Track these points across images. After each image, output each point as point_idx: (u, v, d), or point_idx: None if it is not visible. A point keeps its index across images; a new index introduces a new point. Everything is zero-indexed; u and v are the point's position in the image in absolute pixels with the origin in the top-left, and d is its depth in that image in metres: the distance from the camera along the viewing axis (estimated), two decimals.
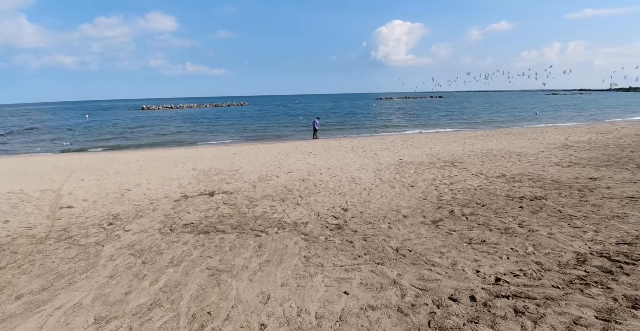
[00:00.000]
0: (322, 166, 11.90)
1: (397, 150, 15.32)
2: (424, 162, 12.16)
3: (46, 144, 24.58)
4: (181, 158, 14.88)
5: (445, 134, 22.73)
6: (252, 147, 17.83)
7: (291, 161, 13.09)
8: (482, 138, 18.92)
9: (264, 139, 23.87)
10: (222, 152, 16.41)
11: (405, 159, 12.83)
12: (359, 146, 17.26)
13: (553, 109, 50.95)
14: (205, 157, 14.95)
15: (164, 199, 8.33)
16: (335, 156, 14.05)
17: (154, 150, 19.29)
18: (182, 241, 5.33)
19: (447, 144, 16.71)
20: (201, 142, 23.01)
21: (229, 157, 14.51)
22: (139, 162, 14.31)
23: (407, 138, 20.27)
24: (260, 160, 13.63)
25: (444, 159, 12.66)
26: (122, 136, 28.48)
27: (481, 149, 14.73)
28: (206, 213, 6.90)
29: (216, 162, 13.52)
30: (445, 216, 5.90)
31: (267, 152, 15.65)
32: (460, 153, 13.90)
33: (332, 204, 7.28)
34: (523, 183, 8.62)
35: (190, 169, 12.13)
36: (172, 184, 10.00)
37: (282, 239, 5.15)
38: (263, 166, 12.25)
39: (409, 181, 9.32)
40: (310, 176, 10.40)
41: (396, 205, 6.98)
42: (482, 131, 24.50)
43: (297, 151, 16.00)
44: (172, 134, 28.59)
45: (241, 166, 12.41)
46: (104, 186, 10.10)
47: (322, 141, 20.66)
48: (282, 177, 10.36)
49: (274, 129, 30.57)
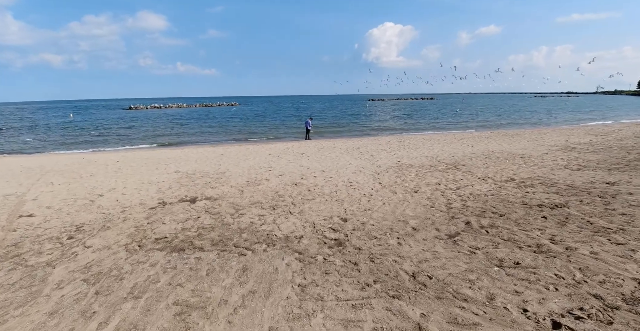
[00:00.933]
0: (316, 169, 11.04)
1: (394, 151, 14.55)
2: (424, 164, 11.40)
3: (19, 144, 23.16)
4: (164, 160, 13.84)
5: (441, 135, 22.11)
6: (241, 149, 16.86)
7: (283, 163, 12.19)
8: (480, 139, 18.30)
9: (254, 140, 22.89)
10: (209, 153, 15.41)
11: (404, 161, 12.06)
12: (353, 147, 16.45)
13: (546, 110, 51.09)
14: (190, 158, 13.94)
15: (139, 207, 7.36)
16: (330, 158, 13.20)
17: (136, 151, 18.16)
18: (150, 262, 4.41)
19: (445, 146, 16.02)
20: (187, 143, 21.92)
21: (216, 159, 13.53)
22: (118, 163, 13.23)
23: (403, 139, 19.54)
24: (250, 162, 12.69)
25: (445, 161, 11.92)
26: (104, 135, 27.15)
27: (482, 151, 14.06)
28: (184, 224, 5.97)
29: (201, 164, 12.54)
30: (462, 228, 5.09)
31: (257, 154, 14.71)
32: (460, 155, 13.19)
33: (329, 213, 6.42)
34: (536, 188, 7.90)
35: (173, 172, 11.13)
36: (150, 188, 9.01)
37: (271, 259, 4.28)
38: (252, 169, 11.33)
39: (412, 185, 8.52)
40: (303, 179, 9.53)
41: (402, 214, 6.16)
42: (479, 132, 23.97)
43: (289, 152, 15.11)
44: (157, 134, 27.37)
45: (228, 169, 11.46)
46: (74, 191, 9.06)
47: (315, 142, 19.80)
48: (273, 181, 9.46)
49: (265, 130, 29.58)
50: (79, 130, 31.72)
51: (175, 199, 7.85)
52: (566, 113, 43.87)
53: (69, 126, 36.97)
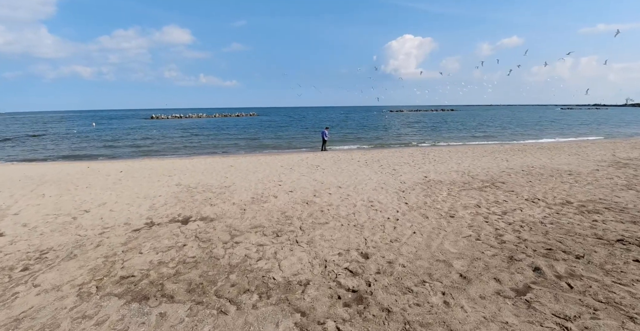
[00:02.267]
0: (331, 184, 9.76)
1: (419, 165, 13.11)
2: (456, 181, 9.92)
3: (33, 152, 23.05)
4: (170, 170, 12.92)
5: (469, 147, 20.41)
6: (253, 159, 15.82)
7: (294, 177, 10.98)
8: (514, 153, 16.58)
9: (267, 150, 21.90)
10: (218, 164, 14.42)
11: (431, 177, 10.61)
12: (373, 159, 15.10)
13: (578, 123, 48.16)
14: (197, 169, 12.97)
15: (121, 228, 6.27)
16: (347, 172, 11.90)
17: (144, 160, 17.44)
18: (97, 318, 3.22)
19: (476, 159, 14.43)
20: (198, 153, 21.15)
21: (224, 171, 12.49)
22: (120, 174, 12.39)
23: (427, 151, 18.03)
24: (259, 175, 11.55)
25: (480, 177, 10.40)
26: (119, 144, 26.89)
27: (520, 166, 12.42)
28: (163, 256, 4.79)
29: (207, 176, 11.50)
30: (531, 279, 3.67)
31: (268, 166, 13.60)
32: (496, 170, 11.62)
33: (345, 243, 5.11)
34: (604, 215, 6.33)
35: (174, 185, 10.12)
36: (143, 204, 7.96)
37: (260, 323, 3.00)
38: (260, 183, 10.16)
39: (445, 207, 7.10)
40: (316, 197, 8.26)
41: (440, 249, 4.77)
42: (510, 144, 22.10)
43: (303, 164, 13.91)
44: (171, 143, 26.89)
45: (234, 182, 10.35)
46: (60, 205, 8.13)
47: (332, 153, 18.55)
48: (281, 198, 8.23)
49: (280, 140, 28.64)
50: (96, 138, 31.79)
51: (165, 219, 6.73)
52: (602, 126, 40.98)
53: (89, 134, 37.34)
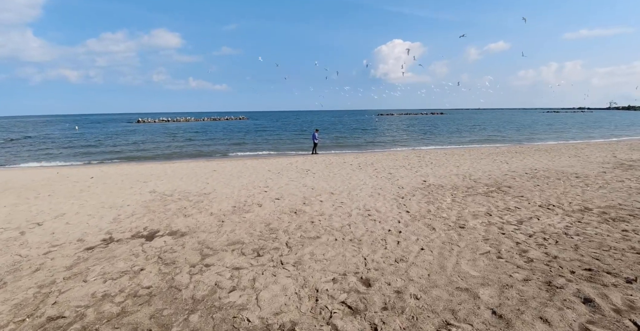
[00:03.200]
0: (322, 190, 8.84)
1: (416, 168, 12.30)
2: (458, 185, 9.12)
3: (4, 156, 21.57)
4: (146, 176, 11.83)
5: (465, 149, 19.76)
6: (238, 164, 14.80)
7: (282, 183, 10.03)
8: (512, 155, 15.94)
9: (254, 155, 20.87)
10: (201, 168, 13.38)
11: (431, 181, 9.79)
12: (367, 163, 14.25)
13: (570, 126, 48.36)
14: (177, 174, 11.91)
15: (72, 246, 5.23)
16: (340, 176, 11.00)
17: (121, 165, 16.24)
18: None
19: (475, 162, 13.71)
20: (181, 157, 20.01)
21: (206, 176, 11.46)
22: (91, 180, 11.26)
23: (422, 154, 17.28)
24: (244, 180, 10.57)
25: (483, 181, 9.62)
26: (97, 149, 25.51)
27: (522, 168, 11.72)
28: (112, 285, 3.80)
29: (186, 182, 10.47)
30: (586, 316, 2.80)
31: (255, 170, 12.61)
32: (498, 173, 10.88)
33: (341, 265, 4.19)
34: (632, 224, 5.56)
35: (147, 192, 9.06)
36: (106, 215, 6.92)
37: None
38: (244, 189, 9.18)
39: (453, 216, 6.25)
40: (306, 205, 7.32)
41: (457, 272, 3.89)
42: (506, 146, 21.54)
43: (292, 168, 12.97)
44: (153, 147, 25.62)
45: (216, 188, 9.35)
46: (12, 217, 7.03)
47: (323, 156, 17.66)
48: (267, 207, 7.27)
49: (268, 144, 27.63)
50: (75, 142, 30.26)
51: (127, 234, 5.71)
52: (593, 129, 41.09)
53: (70, 138, 35.71)
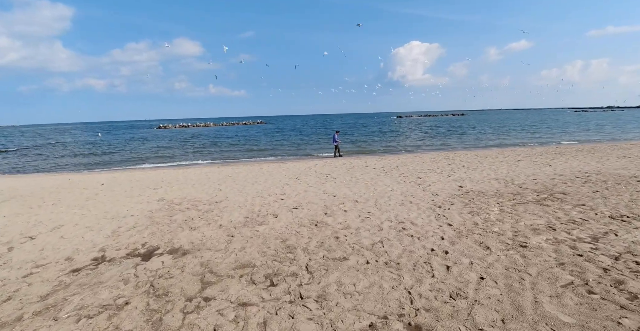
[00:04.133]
0: (345, 198, 7.86)
1: (448, 172, 11.13)
2: (501, 191, 7.93)
3: (24, 163, 21.73)
4: (157, 182, 11.22)
5: (496, 151, 18.28)
6: (254, 168, 14.03)
7: (300, 189, 9.13)
8: (552, 156, 14.45)
9: (272, 158, 20.13)
10: (214, 174, 12.68)
11: (468, 187, 8.64)
12: (391, 166, 13.17)
13: (601, 126, 45.36)
14: (189, 181, 11.24)
15: (58, 266, 4.49)
16: (363, 181, 10.00)
17: (134, 170, 15.81)
18: None
19: (512, 165, 12.39)
20: (196, 161, 19.49)
21: (219, 182, 10.72)
22: (100, 187, 10.73)
23: (451, 156, 16.01)
24: (259, 186, 9.74)
25: (529, 186, 8.39)
26: (115, 153, 25.51)
27: (570, 171, 10.35)
28: (83, 327, 2.96)
29: (197, 188, 9.75)
30: None
31: (271, 175, 11.78)
32: (544, 177, 9.58)
33: (378, 303, 3.21)
34: None
35: (155, 200, 8.37)
36: (106, 227, 6.21)
37: None
38: (259, 196, 8.33)
39: (507, 231, 5.14)
40: (327, 215, 6.38)
41: (542, 316, 2.83)
42: (542, 147, 19.87)
43: (310, 173, 12.06)
44: (169, 152, 25.35)
45: (227, 196, 8.54)
46: (7, 229, 6.46)
47: (344, 160, 16.67)
48: (283, 217, 6.37)
49: (285, 147, 26.89)
50: (95, 149, 30.56)
51: (123, 251, 4.92)
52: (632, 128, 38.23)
53: (92, 144, 36.27)
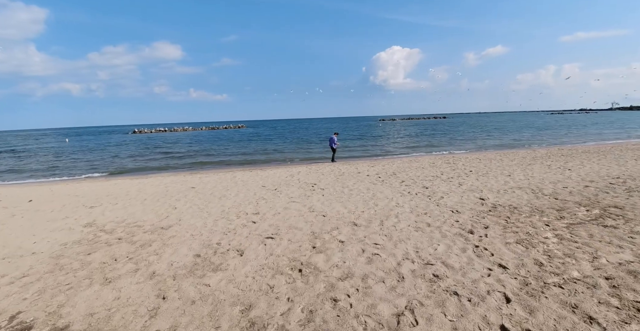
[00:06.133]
0: (339, 218, 5.89)
1: (456, 179, 9.37)
2: (537, 206, 6.16)
3: None
4: (101, 197, 8.93)
5: (495, 154, 16.76)
6: (227, 177, 11.87)
7: (280, 205, 7.09)
8: (563, 159, 12.99)
9: (249, 164, 17.96)
10: (177, 185, 10.46)
11: (491, 199, 6.85)
12: (387, 172, 11.31)
13: (584, 127, 45.34)
14: (142, 194, 9.01)
15: None
16: (358, 193, 8.06)
17: (84, 181, 13.28)
18: None
19: (525, 169, 10.78)
20: (160, 170, 17.09)
21: (178, 196, 8.55)
22: (24, 206, 8.36)
23: (451, 160, 14.33)
24: (227, 202, 7.64)
25: (566, 197, 6.67)
26: (67, 160, 22.68)
27: (598, 177, 8.77)
28: None
29: (148, 206, 7.56)
30: None
31: (245, 186, 9.69)
32: (573, 184, 7.93)
33: None
34: None
35: (81, 226, 6.17)
36: None
37: None
38: (224, 218, 6.26)
39: (597, 279, 3.30)
40: (317, 251, 4.38)
41: None
42: (544, 149, 18.48)
43: (293, 182, 10.04)
44: (134, 160, 22.72)
45: (182, 218, 6.42)
46: None
47: (331, 166, 14.70)
48: (251, 255, 4.34)
49: (265, 152, 24.71)
50: (47, 156, 27.44)
51: None
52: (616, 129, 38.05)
53: (49, 151, 32.95)
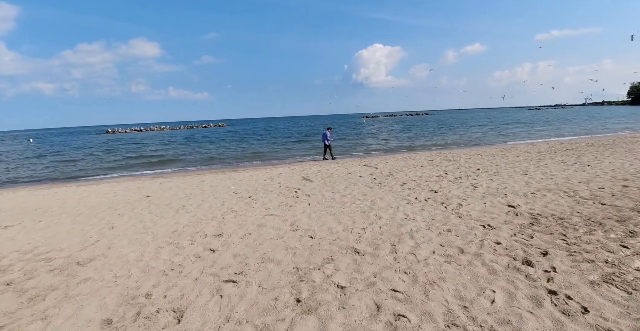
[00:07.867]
0: (333, 241, 4.25)
1: (464, 179, 7.90)
2: (585, 214, 4.72)
3: None
4: (27, 210, 6.96)
5: (495, 149, 15.48)
6: (193, 181, 10.00)
7: (253, 220, 5.37)
8: (571, 153, 11.79)
9: (223, 165, 16.04)
10: (129, 193, 8.55)
11: (522, 206, 5.38)
12: (382, 173, 9.74)
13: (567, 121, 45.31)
14: (81, 206, 7.10)
15: None
16: (353, 200, 6.43)
17: (20, 190, 11.03)
18: None
19: (539, 166, 9.47)
20: (118, 173, 14.96)
21: (123, 209, 6.69)
22: None
23: (450, 156, 12.92)
24: (183, 217, 5.86)
25: (614, 202, 5.27)
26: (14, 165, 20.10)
27: (628, 174, 7.48)
28: None
29: (78, 225, 5.70)
30: None
31: (213, 193, 7.89)
32: (607, 184, 6.60)
33: None
34: None
35: None
36: None
37: None
38: (171, 244, 4.50)
39: None
40: (303, 308, 2.71)
41: None
42: (545, 143, 17.32)
43: (272, 186, 8.30)
44: (94, 161, 20.31)
45: (114, 243, 4.63)
46: None
47: (318, 166, 13.00)
48: (194, 320, 2.62)
49: (243, 151, 22.73)
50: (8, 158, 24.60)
51: None
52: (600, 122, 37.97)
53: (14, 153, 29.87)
